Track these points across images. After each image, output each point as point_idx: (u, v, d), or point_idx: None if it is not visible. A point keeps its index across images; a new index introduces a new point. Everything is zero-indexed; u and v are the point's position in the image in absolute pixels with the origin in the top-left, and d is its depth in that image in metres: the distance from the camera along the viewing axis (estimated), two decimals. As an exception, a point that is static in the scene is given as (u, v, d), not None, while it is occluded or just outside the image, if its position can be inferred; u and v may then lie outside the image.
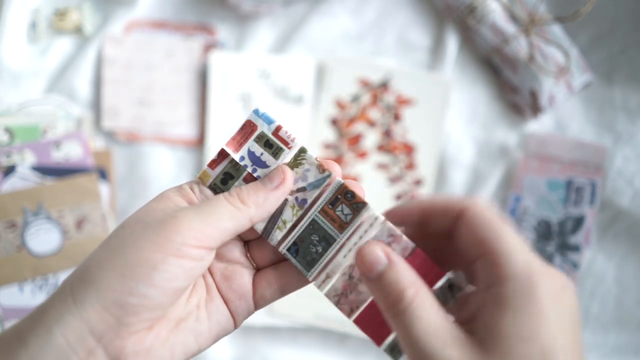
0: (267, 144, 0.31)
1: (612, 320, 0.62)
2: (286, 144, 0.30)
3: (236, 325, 0.31)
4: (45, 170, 0.59)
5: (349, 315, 0.30)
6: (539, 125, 0.63)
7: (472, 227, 0.25)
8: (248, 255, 0.32)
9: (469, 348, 0.23)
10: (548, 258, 0.61)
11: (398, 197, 0.63)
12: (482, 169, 0.63)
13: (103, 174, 0.61)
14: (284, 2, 0.62)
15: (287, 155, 0.30)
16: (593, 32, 0.63)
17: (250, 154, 0.31)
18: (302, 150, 0.30)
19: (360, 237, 0.30)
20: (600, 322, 0.62)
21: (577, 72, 0.61)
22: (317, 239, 0.31)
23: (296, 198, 0.31)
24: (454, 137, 0.63)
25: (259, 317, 0.61)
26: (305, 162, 0.30)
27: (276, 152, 0.30)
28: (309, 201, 0.30)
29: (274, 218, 0.31)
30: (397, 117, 0.63)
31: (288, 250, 0.31)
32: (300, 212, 0.31)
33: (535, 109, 0.61)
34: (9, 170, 0.58)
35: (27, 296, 0.59)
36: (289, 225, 0.31)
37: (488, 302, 0.24)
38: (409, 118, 0.63)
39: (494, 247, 0.24)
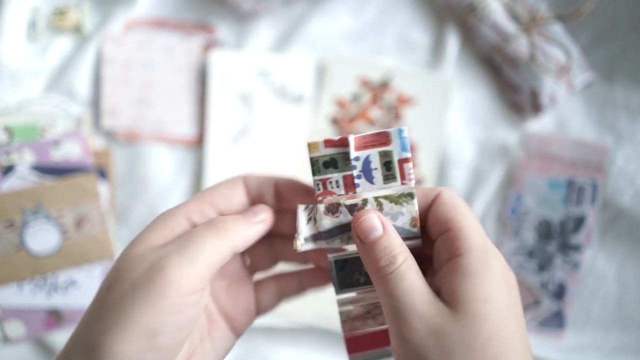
0: (387, 165, 0.29)
1: (613, 320, 0.62)
2: (402, 178, 0.29)
3: (237, 338, 0.32)
4: (45, 170, 0.58)
5: (345, 332, 0.32)
6: (539, 125, 0.63)
7: (442, 207, 0.28)
8: (247, 263, 0.33)
9: (442, 308, 0.26)
10: (549, 258, 0.61)
11: (398, 196, 0.63)
12: (483, 168, 0.63)
13: (102, 174, 0.61)
14: (284, 1, 0.62)
15: (395, 188, 0.29)
16: (594, 31, 0.63)
17: (366, 161, 0.29)
18: (411, 195, 0.29)
19: None
20: (601, 321, 0.62)
21: (578, 71, 0.60)
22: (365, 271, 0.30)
23: None
24: (454, 137, 0.63)
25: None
26: (405, 207, 0.29)
27: (388, 177, 0.29)
28: None
29: (343, 227, 0.30)
30: (397, 117, 0.63)
31: (335, 262, 0.31)
32: None
33: (536, 108, 0.61)
34: (8, 169, 0.58)
35: (26, 296, 0.58)
36: (350, 245, 0.31)
37: (450, 271, 0.27)
38: (409, 117, 0.63)
39: (458, 224, 0.27)
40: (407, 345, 0.26)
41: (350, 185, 0.29)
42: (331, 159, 0.29)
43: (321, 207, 0.30)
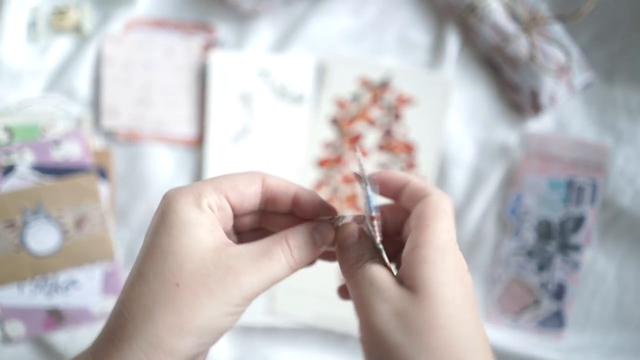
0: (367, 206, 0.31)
1: (613, 320, 0.62)
2: (374, 231, 0.30)
3: None
4: (45, 170, 0.58)
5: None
6: (539, 125, 0.63)
7: (425, 208, 0.31)
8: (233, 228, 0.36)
9: (404, 292, 0.28)
10: (549, 258, 0.61)
11: (398, 196, 0.63)
12: (483, 168, 0.63)
13: (103, 174, 0.61)
14: (284, 1, 0.62)
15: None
16: (594, 31, 0.63)
17: (365, 194, 0.32)
18: (380, 252, 0.31)
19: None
20: (601, 321, 0.62)
21: (578, 71, 0.60)
22: None
23: None
24: (454, 137, 0.63)
25: (259, 317, 0.61)
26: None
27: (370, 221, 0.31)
28: None
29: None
30: (397, 117, 0.63)
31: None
32: None
33: (536, 108, 0.61)
34: (9, 169, 0.58)
35: (27, 296, 0.58)
36: None
37: (411, 260, 0.29)
38: (409, 117, 0.63)
39: (427, 222, 0.30)
40: (372, 330, 0.28)
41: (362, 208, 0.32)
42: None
43: (350, 215, 0.33)
